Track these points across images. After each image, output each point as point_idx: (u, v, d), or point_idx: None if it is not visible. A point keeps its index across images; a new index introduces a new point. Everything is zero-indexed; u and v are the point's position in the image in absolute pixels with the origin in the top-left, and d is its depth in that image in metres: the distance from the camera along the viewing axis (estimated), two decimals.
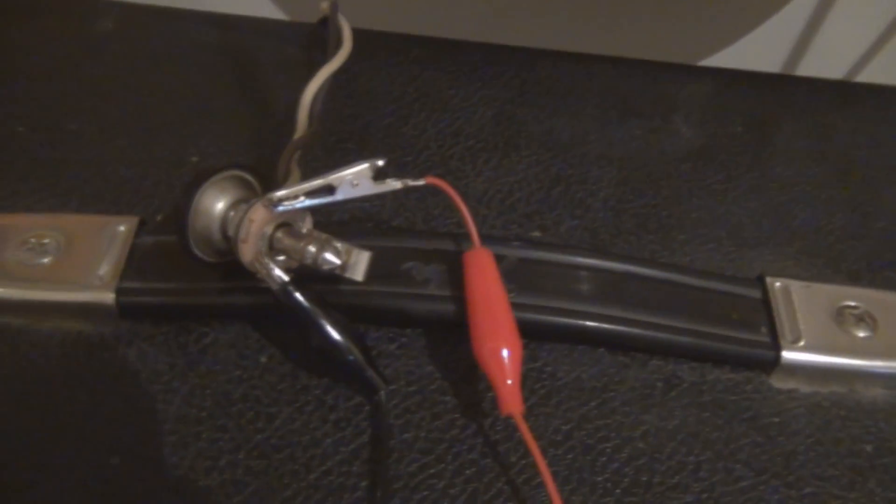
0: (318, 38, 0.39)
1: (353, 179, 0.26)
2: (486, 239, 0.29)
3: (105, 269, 0.28)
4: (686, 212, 0.34)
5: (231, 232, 0.26)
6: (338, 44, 0.35)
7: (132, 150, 0.34)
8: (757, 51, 0.47)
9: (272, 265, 0.25)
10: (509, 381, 0.25)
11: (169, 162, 0.33)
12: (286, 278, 0.25)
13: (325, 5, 0.38)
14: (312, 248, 0.25)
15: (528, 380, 0.28)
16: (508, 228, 0.32)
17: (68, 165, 0.33)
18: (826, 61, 0.49)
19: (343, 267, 0.25)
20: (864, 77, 0.44)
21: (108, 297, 0.28)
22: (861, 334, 0.29)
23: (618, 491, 0.26)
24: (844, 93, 0.40)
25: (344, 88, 0.37)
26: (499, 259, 0.28)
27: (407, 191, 0.27)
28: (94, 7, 0.40)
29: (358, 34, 0.37)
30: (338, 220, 0.32)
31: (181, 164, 0.33)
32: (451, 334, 0.28)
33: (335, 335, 0.25)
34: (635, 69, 0.40)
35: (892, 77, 0.42)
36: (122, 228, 0.29)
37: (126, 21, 0.39)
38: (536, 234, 0.32)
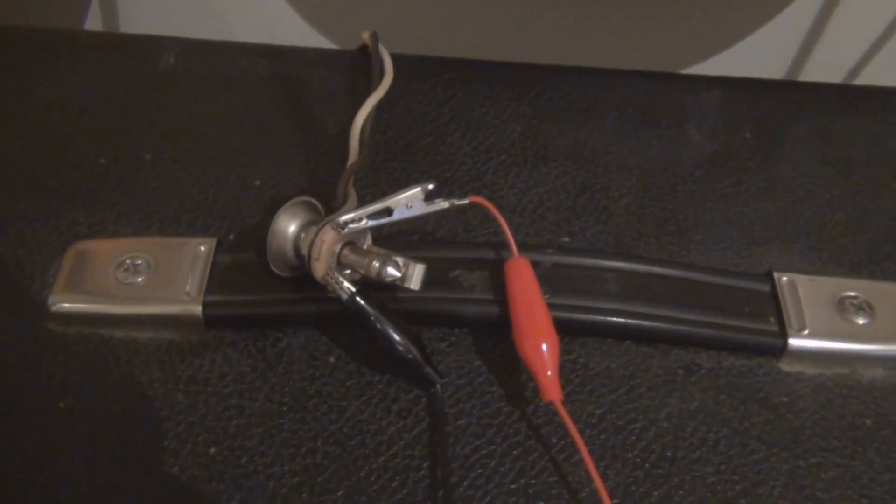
0: (359, 64, 0.43)
1: (408, 202, 0.30)
2: (523, 247, 0.32)
3: (191, 285, 0.32)
4: (700, 214, 0.37)
5: (304, 251, 0.30)
6: (381, 73, 0.39)
7: (202, 176, 0.38)
8: (762, 58, 0.50)
9: (342, 279, 0.29)
10: (549, 373, 0.29)
11: (235, 185, 0.37)
12: (353, 289, 0.29)
13: (366, 35, 0.42)
14: (376, 264, 0.29)
15: (564, 370, 0.32)
16: (540, 235, 0.36)
17: (147, 192, 0.37)
18: (828, 64, 0.53)
19: (402, 279, 0.29)
20: (863, 79, 0.48)
21: (196, 309, 0.32)
22: (861, 321, 0.32)
23: (647, 465, 0.29)
24: (844, 96, 0.43)
25: (385, 111, 0.41)
26: (535, 265, 0.32)
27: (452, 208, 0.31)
28: (156, 44, 0.44)
29: (394, 59, 0.41)
30: (387, 234, 0.35)
31: (246, 187, 0.37)
32: (494, 333, 0.32)
33: (396, 336, 0.29)
34: (650, 81, 0.43)
35: (890, 79, 0.45)
36: (202, 248, 0.33)
37: (185, 56, 0.43)
38: (566, 239, 0.36)
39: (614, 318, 0.32)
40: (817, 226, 0.37)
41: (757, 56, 0.60)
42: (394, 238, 0.35)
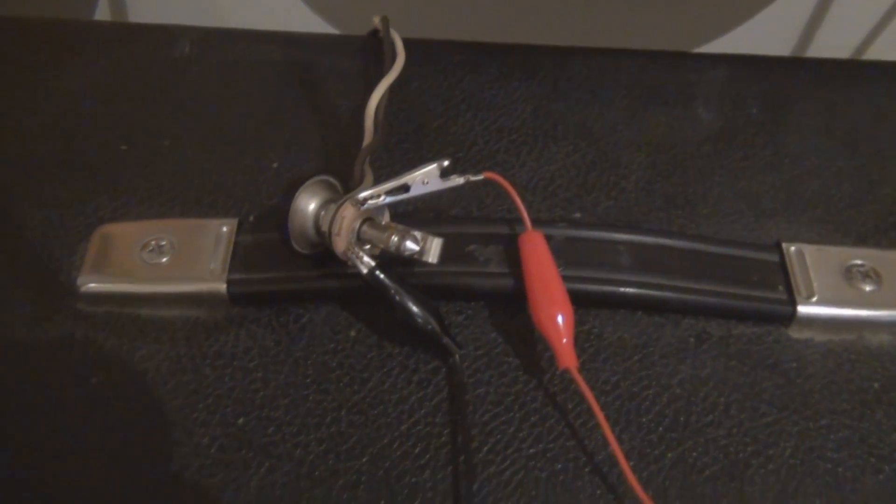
0: (370, 49, 0.44)
1: (424, 178, 0.31)
2: (536, 223, 0.33)
3: (214, 264, 0.33)
4: (709, 188, 0.38)
5: (325, 227, 0.31)
6: (393, 56, 0.39)
7: (220, 160, 0.39)
8: (768, 38, 0.51)
9: (362, 253, 0.30)
10: (564, 340, 0.30)
11: (253, 168, 0.38)
12: (373, 263, 0.30)
13: (376, 20, 0.43)
14: (395, 238, 0.29)
15: (579, 341, 0.32)
16: (553, 211, 0.37)
17: (168, 177, 0.38)
18: (833, 44, 0.53)
19: (420, 252, 0.30)
20: (871, 54, 0.48)
21: (221, 287, 0.33)
22: (868, 288, 0.33)
23: (660, 429, 0.30)
24: (849, 71, 0.44)
25: (397, 94, 0.41)
26: (548, 239, 0.33)
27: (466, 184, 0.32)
28: (171, 33, 0.45)
29: (406, 43, 0.41)
30: (403, 212, 0.36)
31: (264, 169, 0.38)
32: (510, 306, 0.33)
33: (416, 308, 0.30)
34: (657, 60, 0.44)
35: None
36: (224, 229, 0.34)
37: (200, 44, 0.44)
38: (577, 215, 0.37)
39: (626, 289, 0.33)
40: (824, 198, 0.38)
41: (763, 36, 0.61)
42: (410, 216, 0.36)
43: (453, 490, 0.29)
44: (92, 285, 0.33)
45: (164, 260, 0.34)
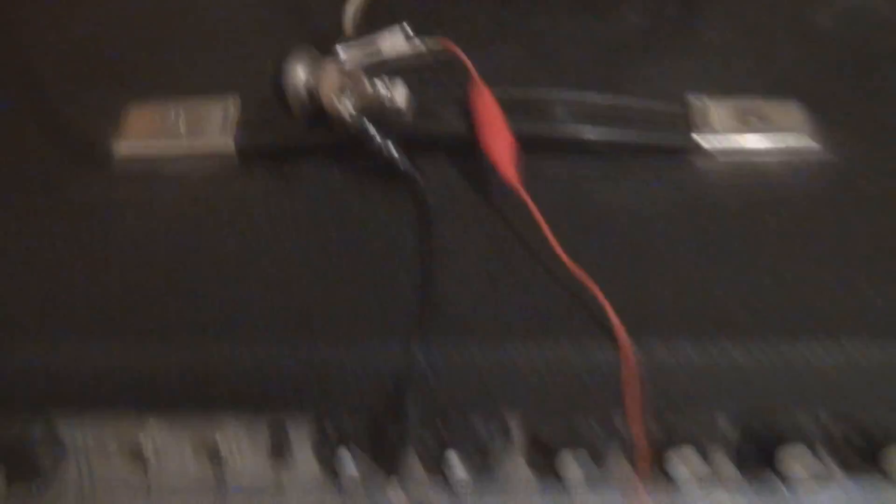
0: None
1: (391, 40, 0.39)
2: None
3: (225, 129, 0.41)
4: (636, 70, 0.46)
5: (312, 84, 0.38)
6: None
7: (226, 51, 0.47)
8: None
9: (346, 101, 0.37)
10: (509, 162, 0.37)
11: (254, 56, 0.45)
12: (355, 112, 0.38)
13: None
14: (368, 85, 0.37)
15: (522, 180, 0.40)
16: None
17: (183, 69, 0.46)
18: None
19: (391, 98, 0.37)
20: None
21: (230, 145, 0.40)
22: (759, 125, 0.41)
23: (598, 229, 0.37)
24: None
25: None
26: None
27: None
28: None
29: None
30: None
31: (265, 54, 0.45)
32: (469, 153, 0.40)
33: (393, 150, 0.38)
34: None
35: None
36: (231, 102, 0.42)
37: None
38: None
39: (562, 132, 0.40)
40: (727, 68, 0.46)
41: None
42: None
43: (421, 280, 0.36)
44: (123, 151, 0.41)
45: (183, 129, 0.41)
